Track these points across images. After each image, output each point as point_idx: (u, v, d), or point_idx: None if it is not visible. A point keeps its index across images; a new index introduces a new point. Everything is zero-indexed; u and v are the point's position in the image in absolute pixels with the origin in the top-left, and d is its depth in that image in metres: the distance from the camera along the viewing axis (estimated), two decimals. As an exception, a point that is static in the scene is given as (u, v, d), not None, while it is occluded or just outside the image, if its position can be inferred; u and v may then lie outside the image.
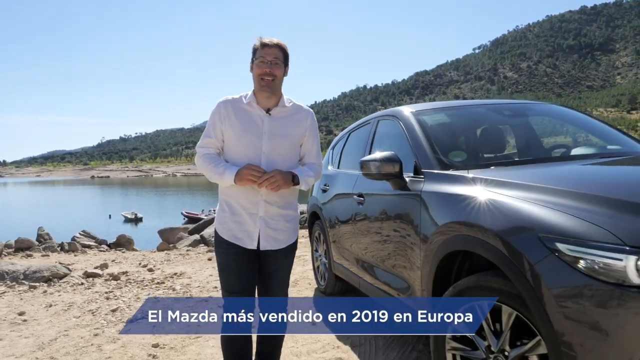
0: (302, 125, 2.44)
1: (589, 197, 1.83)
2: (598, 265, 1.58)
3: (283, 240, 2.44)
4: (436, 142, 2.85)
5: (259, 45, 2.33)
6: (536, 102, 3.67)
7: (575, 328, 1.62)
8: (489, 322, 2.05)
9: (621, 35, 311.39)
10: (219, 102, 2.42)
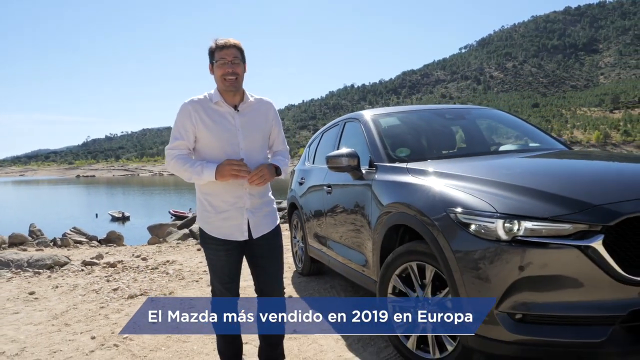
0: (268, 116, 2.55)
1: (484, 181, 2.49)
2: (481, 228, 2.23)
3: (268, 224, 2.54)
4: (387, 140, 3.50)
5: (216, 47, 2.38)
6: (477, 107, 4.35)
7: (467, 274, 2.26)
8: (417, 277, 2.69)
9: (604, 36, 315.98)
10: (185, 104, 2.43)
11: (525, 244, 2.11)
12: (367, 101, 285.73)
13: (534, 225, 2.12)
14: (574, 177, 2.53)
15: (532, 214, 2.15)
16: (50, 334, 3.73)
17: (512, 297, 2.13)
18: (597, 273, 2.03)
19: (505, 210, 2.20)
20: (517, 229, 2.14)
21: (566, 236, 2.07)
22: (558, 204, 2.16)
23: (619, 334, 2.05)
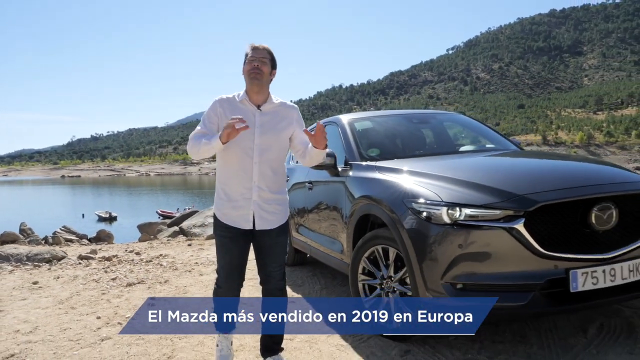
0: (290, 120, 2.73)
1: (436, 176, 2.98)
2: (430, 214, 2.71)
3: (274, 221, 2.70)
4: (360, 141, 3.98)
5: (250, 49, 2.66)
6: (442, 112, 4.85)
7: (419, 253, 2.74)
8: (382, 258, 3.16)
9: (588, 38, 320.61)
10: (215, 100, 2.70)
11: (464, 227, 2.60)
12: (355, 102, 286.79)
13: (471, 212, 2.61)
14: (506, 172, 3.03)
15: (471, 202, 2.64)
16: (58, 315, 4.15)
17: (454, 270, 2.61)
18: (520, 249, 2.53)
19: (449, 199, 2.68)
20: (459, 215, 2.63)
21: (496, 220, 2.57)
22: (491, 194, 2.65)
23: (538, 299, 2.54)
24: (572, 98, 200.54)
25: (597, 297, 2.61)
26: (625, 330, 3.04)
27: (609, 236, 2.65)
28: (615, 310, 3.33)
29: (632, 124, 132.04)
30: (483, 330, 3.20)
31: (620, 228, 2.68)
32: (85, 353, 3.27)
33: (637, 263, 2.67)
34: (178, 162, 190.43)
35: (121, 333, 3.45)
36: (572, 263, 2.56)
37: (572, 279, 2.54)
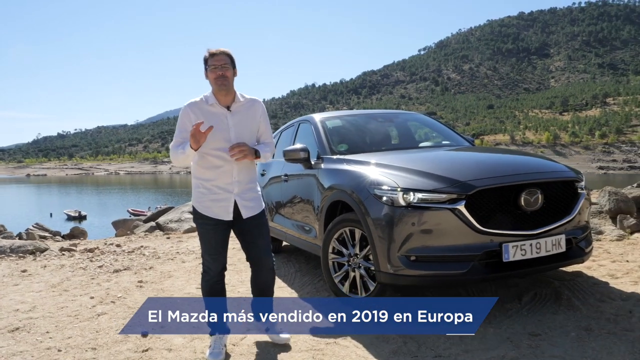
0: (256, 115, 2.97)
1: (395, 166, 3.49)
2: (388, 198, 3.21)
3: (256, 207, 3.00)
4: (331, 138, 4.46)
5: (209, 55, 2.82)
6: (405, 112, 5.38)
7: (379, 232, 3.23)
8: (349, 238, 3.64)
9: (555, 41, 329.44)
10: (185, 106, 2.86)
11: (417, 208, 3.11)
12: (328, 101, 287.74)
13: (423, 196, 3.12)
14: (453, 163, 3.55)
15: (422, 188, 3.15)
16: (53, 297, 4.50)
17: (408, 245, 3.12)
18: (462, 226, 3.05)
19: (405, 185, 3.19)
20: (412, 198, 3.13)
21: (443, 202, 3.08)
22: (439, 181, 3.17)
23: (476, 267, 3.06)
24: (539, 99, 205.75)
25: (525, 266, 3.15)
26: (554, 297, 3.60)
27: (536, 216, 3.20)
28: (547, 281, 3.90)
29: (596, 125, 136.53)
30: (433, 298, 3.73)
31: (545, 209, 3.23)
32: (85, 325, 3.65)
33: (558, 238, 3.23)
34: (148, 161, 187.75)
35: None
36: (505, 238, 3.10)
37: (504, 251, 3.08)
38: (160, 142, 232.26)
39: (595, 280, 3.96)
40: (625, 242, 5.27)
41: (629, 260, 4.52)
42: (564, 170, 3.52)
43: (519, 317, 3.29)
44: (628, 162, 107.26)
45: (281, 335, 3.07)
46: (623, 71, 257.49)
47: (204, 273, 3.08)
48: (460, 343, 2.93)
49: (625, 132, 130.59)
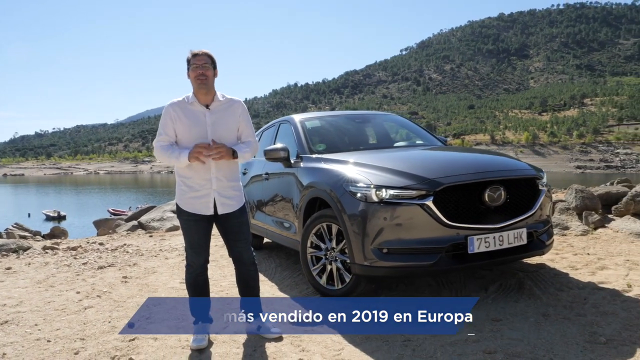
0: (236, 114, 3.08)
1: (368, 165, 3.71)
2: (362, 195, 3.42)
3: (234, 205, 3.11)
4: (310, 138, 4.67)
5: (191, 55, 2.98)
6: (381, 113, 5.61)
7: (354, 226, 3.44)
8: (326, 233, 3.85)
9: (534, 42, 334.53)
10: (167, 106, 3.03)
11: (388, 204, 3.33)
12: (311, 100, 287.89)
13: (394, 192, 3.34)
14: (423, 162, 3.78)
15: (394, 185, 3.37)
16: (39, 292, 4.61)
17: (380, 238, 3.33)
18: (430, 221, 3.27)
19: (377, 182, 3.41)
20: (384, 195, 3.35)
21: (412, 198, 3.30)
22: (409, 178, 3.39)
23: (444, 258, 3.29)
24: (519, 99, 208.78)
25: (489, 258, 3.39)
26: (517, 287, 3.86)
27: (499, 211, 3.44)
28: (512, 273, 4.16)
29: (574, 125, 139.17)
30: (404, 287, 3.97)
31: (508, 205, 3.48)
32: (73, 318, 3.79)
33: (520, 232, 3.47)
34: (129, 160, 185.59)
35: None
36: (470, 231, 3.33)
37: (469, 243, 3.31)
38: (141, 141, 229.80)
39: (557, 272, 4.23)
40: (588, 237, 5.58)
41: (589, 253, 4.81)
42: (525, 169, 3.78)
43: (484, 305, 3.53)
44: (605, 161, 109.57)
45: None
46: (600, 72, 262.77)
47: (187, 266, 3.24)
48: (428, 328, 3.15)
49: (602, 132, 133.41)
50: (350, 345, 3.01)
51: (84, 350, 3.16)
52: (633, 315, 3.14)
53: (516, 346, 2.81)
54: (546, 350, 2.74)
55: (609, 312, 3.22)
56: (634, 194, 6.04)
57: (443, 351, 2.81)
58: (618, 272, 4.10)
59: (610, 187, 7.14)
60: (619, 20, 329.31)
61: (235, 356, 2.97)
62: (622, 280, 3.88)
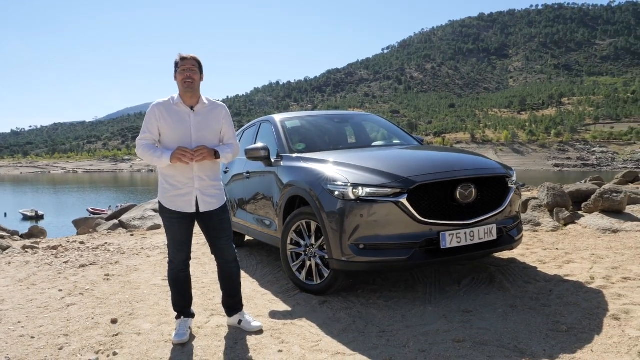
0: (219, 117, 3.20)
1: (346, 164, 3.85)
2: (340, 193, 3.55)
3: (215, 203, 3.21)
4: (290, 137, 4.78)
5: (179, 59, 3.09)
6: (360, 113, 5.76)
7: (332, 223, 3.57)
8: (305, 230, 3.97)
9: (514, 42, 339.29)
10: (153, 106, 3.12)
11: (365, 201, 3.47)
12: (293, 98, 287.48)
13: (370, 190, 3.48)
14: (398, 161, 3.93)
15: (370, 183, 3.51)
16: (21, 290, 4.64)
17: (357, 234, 3.47)
18: (404, 217, 3.42)
19: (354, 181, 3.55)
20: (361, 193, 3.49)
21: (387, 195, 3.45)
22: (385, 177, 3.54)
23: (417, 253, 3.44)
24: (499, 98, 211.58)
25: (461, 252, 3.55)
26: (488, 280, 4.04)
27: (470, 208, 3.61)
28: (484, 267, 4.34)
29: (552, 124, 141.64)
30: (381, 282, 4.12)
31: (479, 202, 3.65)
32: (56, 315, 3.85)
33: (490, 227, 3.64)
34: (108, 159, 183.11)
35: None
36: (443, 227, 3.49)
37: (442, 238, 3.47)
38: (121, 139, 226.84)
39: (526, 266, 4.42)
40: (558, 233, 5.80)
41: (558, 248, 5.02)
42: (495, 167, 3.95)
43: (456, 298, 3.69)
44: (581, 160, 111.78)
45: (253, 324, 3.34)
46: (577, 72, 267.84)
47: (170, 263, 3.34)
48: (402, 320, 3.30)
49: (579, 131, 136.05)
50: (327, 336, 3.14)
51: (68, 345, 3.23)
52: (593, 306, 3.33)
53: (484, 335, 2.96)
54: (511, 338, 2.90)
55: (572, 303, 3.40)
56: (602, 191, 6.28)
57: (415, 341, 2.96)
58: (583, 266, 4.31)
59: (580, 184, 7.41)
60: (595, 21, 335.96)
61: (216, 349, 3.07)
62: (586, 273, 4.08)
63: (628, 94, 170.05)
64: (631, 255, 4.53)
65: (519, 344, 2.82)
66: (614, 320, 3.08)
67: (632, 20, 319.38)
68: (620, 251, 4.72)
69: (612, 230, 5.56)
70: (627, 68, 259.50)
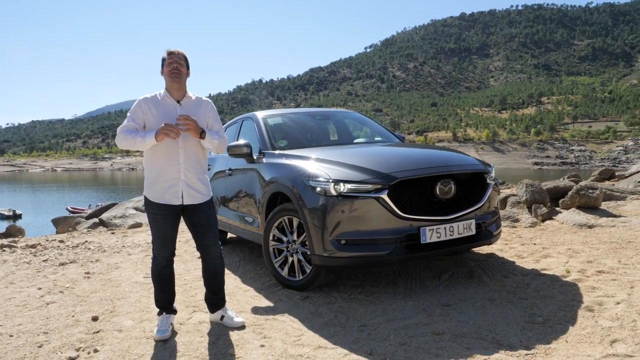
0: (205, 112, 3.23)
1: (327, 160, 3.87)
2: (321, 189, 3.58)
3: (200, 197, 3.21)
4: (272, 134, 4.80)
5: (167, 54, 3.14)
6: (341, 110, 5.80)
7: (314, 219, 3.60)
8: (288, 226, 3.99)
9: (494, 42, 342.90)
10: (140, 99, 3.16)
11: (346, 197, 3.50)
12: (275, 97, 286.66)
13: (351, 186, 3.52)
14: (379, 158, 3.97)
15: (351, 179, 3.54)
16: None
17: (338, 230, 3.50)
18: (385, 213, 3.46)
19: (336, 177, 3.58)
20: (342, 189, 3.52)
21: (368, 191, 3.49)
22: (366, 173, 3.58)
23: (398, 248, 3.49)
24: (480, 97, 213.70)
25: (441, 247, 3.61)
26: (468, 275, 4.11)
27: (450, 203, 3.67)
28: (464, 262, 4.42)
29: (532, 123, 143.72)
30: (363, 277, 4.16)
31: (458, 197, 3.71)
32: (35, 313, 3.81)
33: (469, 223, 3.71)
34: (88, 157, 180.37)
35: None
36: (423, 222, 3.54)
37: (422, 233, 3.52)
38: (101, 137, 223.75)
39: (505, 260, 4.51)
40: (536, 228, 5.92)
41: (536, 243, 5.13)
42: (474, 164, 4.02)
43: (436, 292, 3.75)
44: (560, 158, 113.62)
45: (235, 319, 3.35)
46: (556, 72, 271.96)
47: (153, 258, 3.33)
48: (383, 314, 3.35)
49: (558, 129, 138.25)
50: (309, 331, 3.16)
51: (47, 343, 3.20)
52: (568, 298, 3.41)
53: (463, 327, 3.02)
54: (489, 330, 2.97)
55: (548, 296, 3.49)
56: (578, 188, 6.42)
57: (396, 334, 3.00)
58: (559, 260, 4.41)
59: (558, 181, 7.55)
60: (574, 22, 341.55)
61: (198, 345, 3.08)
62: (562, 267, 4.18)
63: (605, 93, 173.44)
64: (605, 250, 4.65)
65: (496, 336, 2.88)
66: (588, 311, 3.16)
67: (609, 21, 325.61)
68: (595, 246, 4.84)
69: (587, 226, 5.69)
70: (605, 68, 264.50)
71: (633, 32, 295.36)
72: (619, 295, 3.40)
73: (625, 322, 2.95)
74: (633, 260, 4.22)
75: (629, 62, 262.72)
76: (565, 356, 2.59)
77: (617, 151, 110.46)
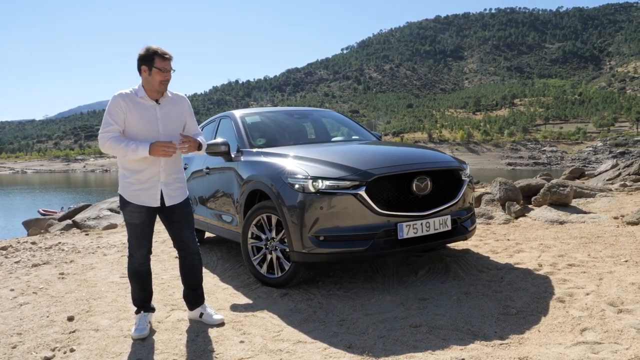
0: (183, 109, 3.22)
1: (306, 157, 3.90)
2: (300, 186, 3.60)
3: (179, 196, 3.23)
4: (250, 133, 4.80)
5: (158, 55, 2.99)
6: (318, 109, 5.84)
7: (292, 216, 3.62)
8: (266, 224, 4.00)
9: (468, 44, 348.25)
10: (116, 96, 3.02)
11: (324, 194, 3.54)
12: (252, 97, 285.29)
13: (330, 183, 3.55)
14: (357, 155, 4.01)
15: (329, 176, 3.58)
16: (-31, 291, 4.46)
17: (317, 226, 3.53)
18: (363, 209, 3.51)
19: (314, 174, 3.61)
20: (320, 185, 3.55)
21: (346, 188, 3.53)
22: (344, 170, 3.62)
23: (376, 244, 3.53)
24: (455, 99, 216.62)
25: (417, 243, 3.67)
26: (444, 270, 4.18)
27: (426, 199, 3.73)
28: (440, 258, 4.50)
29: (505, 124, 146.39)
30: (341, 274, 4.20)
31: (434, 194, 3.78)
32: (7, 315, 3.73)
33: (445, 219, 3.78)
34: (60, 159, 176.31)
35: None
36: (400, 218, 3.59)
37: (399, 229, 3.57)
38: (73, 138, 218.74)
39: (479, 256, 4.61)
40: (510, 225, 6.06)
41: (509, 239, 5.25)
42: (449, 161, 4.10)
43: (413, 287, 3.81)
44: (533, 158, 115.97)
45: (214, 317, 3.35)
46: (529, 74, 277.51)
47: (130, 257, 3.30)
48: (362, 309, 3.39)
49: (531, 130, 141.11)
50: (289, 326, 3.18)
51: (22, 344, 3.15)
52: (541, 290, 3.52)
53: (439, 320, 3.09)
54: (465, 322, 3.04)
55: (521, 288, 3.58)
56: (549, 185, 6.59)
57: (374, 327, 3.05)
58: (532, 254, 4.53)
59: (530, 180, 7.73)
60: (545, 26, 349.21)
61: (177, 342, 3.07)
62: (535, 261, 4.29)
63: (575, 95, 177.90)
64: (576, 244, 4.79)
65: (472, 327, 2.95)
66: (559, 302, 3.26)
67: (579, 25, 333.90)
68: (566, 241, 4.98)
69: (559, 222, 5.85)
70: (575, 71, 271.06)
71: (601, 36, 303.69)
72: (589, 287, 3.51)
73: (595, 311, 3.06)
74: (602, 254, 4.36)
75: (597, 65, 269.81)
76: (538, 345, 2.68)
77: (587, 152, 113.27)
